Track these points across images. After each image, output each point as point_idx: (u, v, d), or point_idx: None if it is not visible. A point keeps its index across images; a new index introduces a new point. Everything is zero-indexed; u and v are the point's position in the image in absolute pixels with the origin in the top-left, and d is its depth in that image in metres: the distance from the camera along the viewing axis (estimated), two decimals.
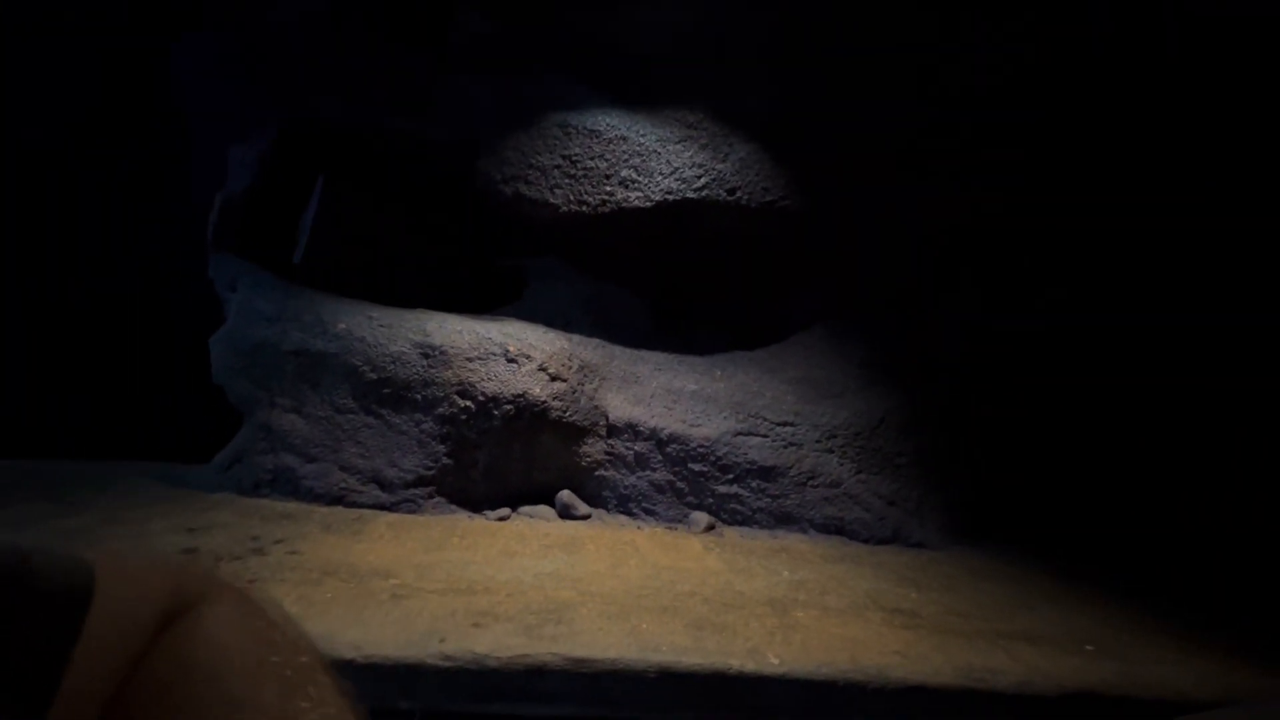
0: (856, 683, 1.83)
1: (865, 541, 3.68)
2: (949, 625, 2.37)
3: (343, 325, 3.63)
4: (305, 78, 4.14)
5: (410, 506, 3.44)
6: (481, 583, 2.36)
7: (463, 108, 4.30)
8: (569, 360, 3.82)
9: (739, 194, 4.06)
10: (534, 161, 4.17)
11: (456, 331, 3.69)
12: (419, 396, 3.53)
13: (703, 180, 4.04)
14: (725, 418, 3.89)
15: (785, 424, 3.90)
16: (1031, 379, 4.07)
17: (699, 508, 3.75)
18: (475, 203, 4.38)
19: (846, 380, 4.15)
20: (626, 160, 4.05)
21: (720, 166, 4.09)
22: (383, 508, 3.39)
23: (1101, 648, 2.25)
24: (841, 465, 3.83)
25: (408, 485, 3.45)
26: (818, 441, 3.86)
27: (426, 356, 3.60)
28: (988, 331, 4.16)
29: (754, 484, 3.75)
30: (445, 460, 3.50)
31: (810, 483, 3.77)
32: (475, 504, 3.57)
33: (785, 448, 3.83)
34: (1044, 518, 3.92)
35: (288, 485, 3.39)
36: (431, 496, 3.48)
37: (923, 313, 4.24)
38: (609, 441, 3.79)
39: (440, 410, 3.52)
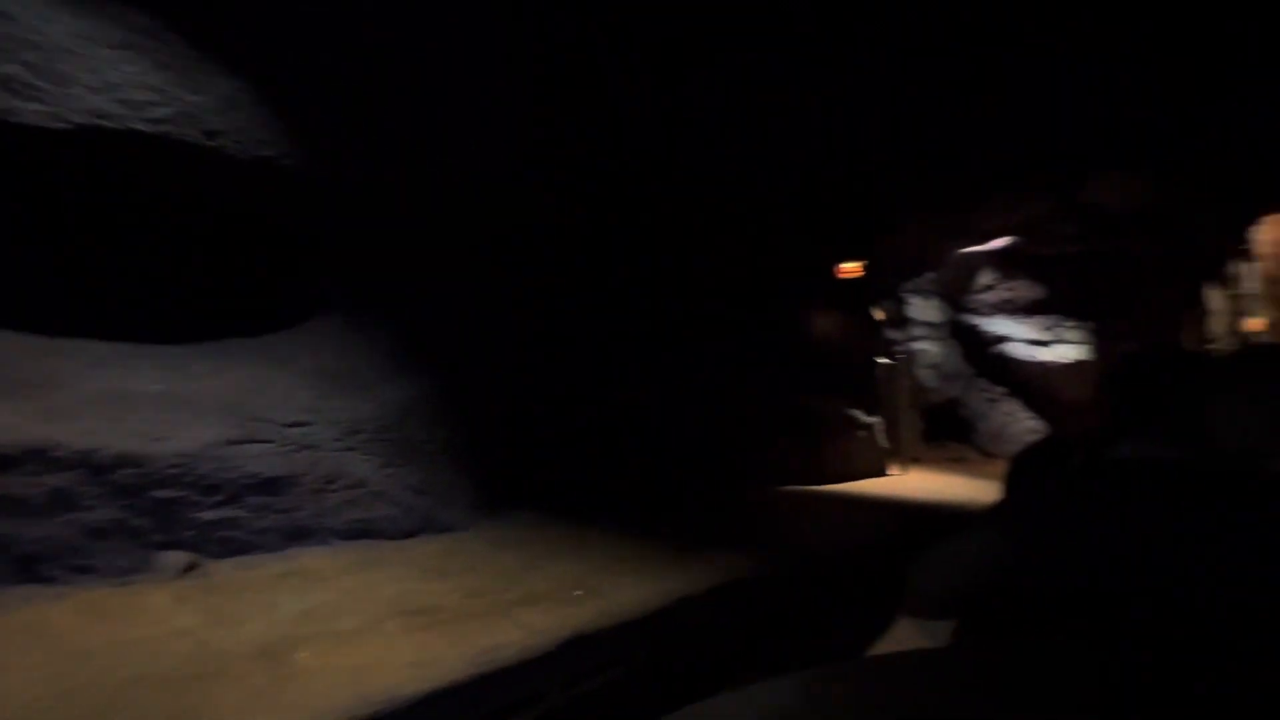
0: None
1: (394, 538, 3.51)
2: (467, 609, 2.42)
3: None
4: None
5: None
6: None
7: None
8: None
9: (221, 140, 3.21)
10: None
11: None
12: None
13: (163, 111, 3.02)
14: (211, 424, 3.07)
15: (298, 424, 3.35)
16: (543, 362, 4.62)
17: (172, 545, 2.86)
18: None
19: (372, 370, 3.85)
20: (13, 52, 2.68)
21: (194, 99, 3.14)
22: None
23: (587, 590, 2.69)
24: (367, 462, 3.53)
25: None
26: (338, 440, 3.46)
27: None
28: (510, 317, 4.51)
29: (256, 501, 3.09)
30: None
31: (330, 487, 3.35)
32: None
33: (298, 452, 3.29)
34: (558, 484, 4.53)
35: None
36: None
37: (453, 297, 4.29)
38: None
39: None
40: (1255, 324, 10.21)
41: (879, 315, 7.32)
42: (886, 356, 7.39)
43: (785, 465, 5.88)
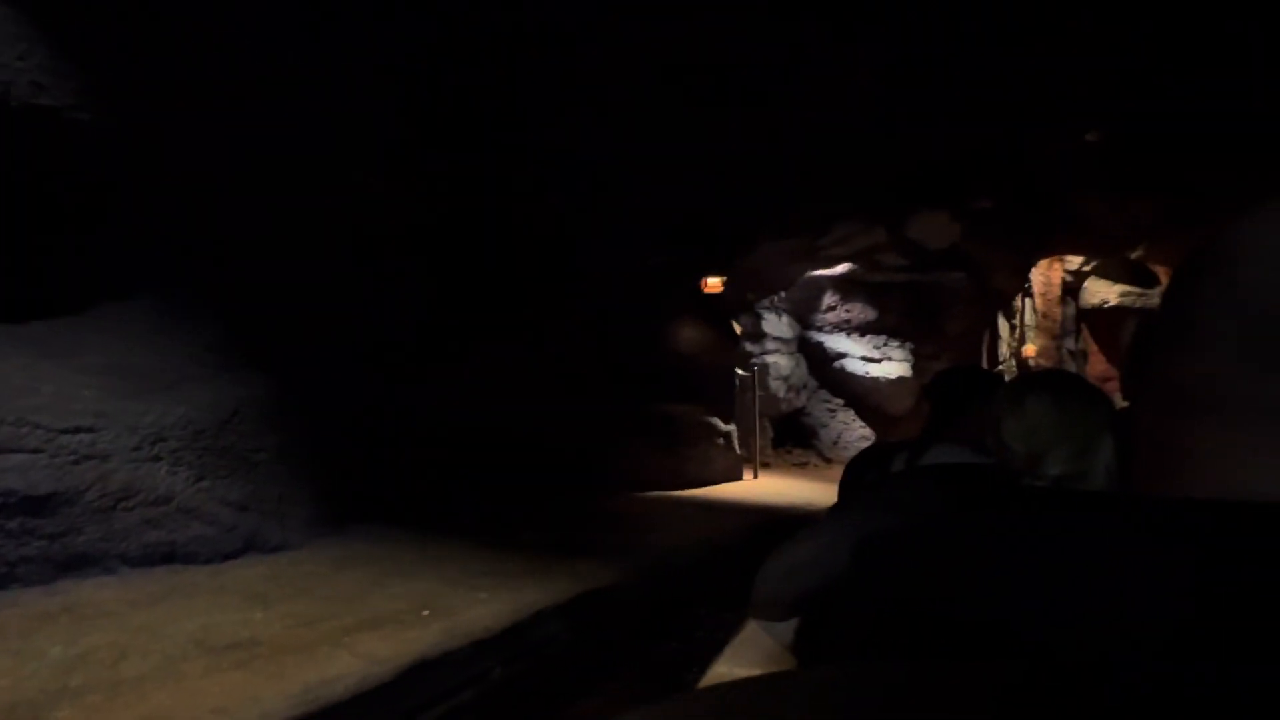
0: None
1: (208, 562, 3.04)
2: (293, 641, 2.15)
3: None
4: None
5: None
6: None
7: None
8: None
9: None
10: None
11: None
12: None
13: None
14: None
15: (79, 430, 2.79)
16: (396, 363, 4.29)
17: None
18: None
19: (186, 366, 3.33)
20: None
21: None
22: None
23: (436, 609, 2.51)
24: (174, 475, 3.04)
25: None
26: (136, 449, 2.94)
27: None
28: (360, 313, 4.14)
29: (14, 524, 2.52)
30: None
31: (123, 505, 2.83)
32: None
33: (78, 464, 2.74)
34: (412, 494, 4.20)
35: None
36: None
37: (294, 286, 3.84)
38: None
39: None
40: (1030, 350, 12.33)
41: (738, 329, 7.76)
42: (743, 368, 7.85)
43: (648, 471, 5.99)
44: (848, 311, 9.42)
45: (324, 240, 3.82)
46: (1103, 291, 12.54)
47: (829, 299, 9.42)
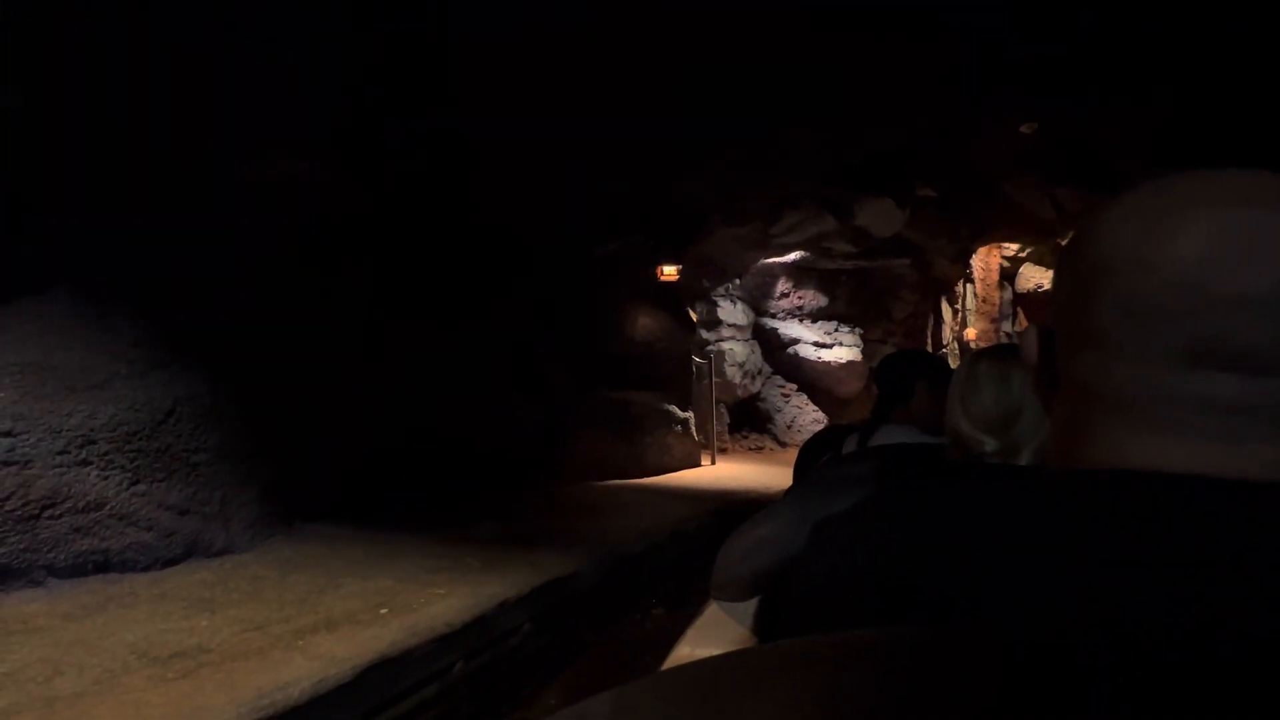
0: None
1: (147, 570, 2.90)
2: (244, 647, 2.07)
3: None
4: None
5: None
6: None
7: None
8: None
9: None
10: None
11: None
12: None
13: None
14: None
15: None
16: (343, 355, 4.15)
17: None
18: None
19: (115, 364, 3.14)
20: None
21: None
22: None
23: (395, 607, 2.47)
24: (106, 479, 2.87)
25: None
26: (62, 452, 2.77)
27: None
28: (303, 302, 3.97)
29: None
30: None
31: (48, 513, 2.67)
32: None
33: None
34: (364, 490, 4.08)
35: None
36: None
37: (231, 277, 3.65)
38: None
39: None
40: (971, 333, 12.89)
41: (694, 316, 7.82)
42: (699, 355, 7.93)
43: (606, 460, 6.00)
44: (800, 298, 9.62)
45: (265, 230, 3.65)
46: (1036, 276, 13.20)
47: (782, 286, 9.59)
